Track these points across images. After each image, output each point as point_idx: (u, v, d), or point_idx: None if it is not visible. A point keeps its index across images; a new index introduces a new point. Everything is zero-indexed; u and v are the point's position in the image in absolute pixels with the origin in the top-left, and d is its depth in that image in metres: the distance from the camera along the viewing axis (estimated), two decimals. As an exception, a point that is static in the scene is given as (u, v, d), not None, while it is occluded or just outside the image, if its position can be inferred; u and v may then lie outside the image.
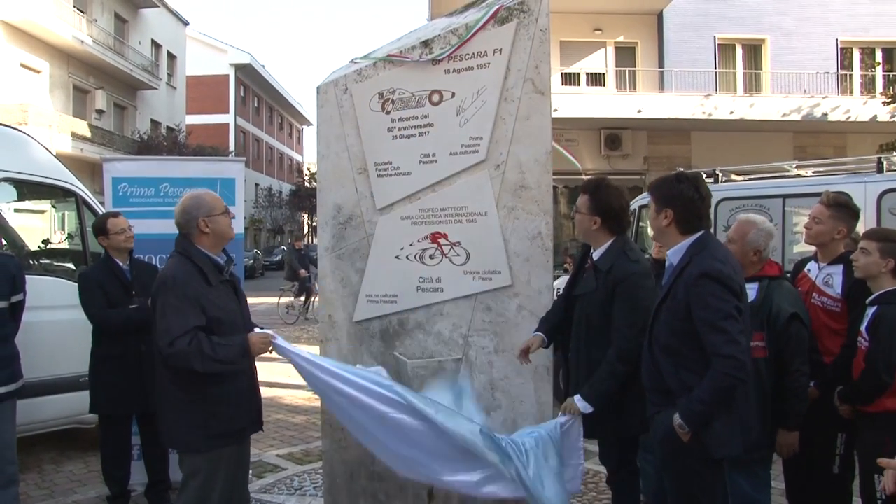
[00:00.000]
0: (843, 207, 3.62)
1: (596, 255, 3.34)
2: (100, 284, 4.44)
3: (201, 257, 3.25)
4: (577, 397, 3.20)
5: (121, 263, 4.57)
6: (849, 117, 17.02)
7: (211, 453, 3.20)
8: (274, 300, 17.11)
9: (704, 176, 6.92)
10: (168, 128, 32.85)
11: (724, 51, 18.96)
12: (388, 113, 4.02)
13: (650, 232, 3.44)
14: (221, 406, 3.19)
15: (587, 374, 3.26)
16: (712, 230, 3.21)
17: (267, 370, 7.07)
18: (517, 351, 3.49)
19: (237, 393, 3.26)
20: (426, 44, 3.92)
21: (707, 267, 2.62)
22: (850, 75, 18.82)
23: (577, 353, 3.36)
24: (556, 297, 3.66)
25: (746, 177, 7.94)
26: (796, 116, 17.04)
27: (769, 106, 17.12)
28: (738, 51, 19.00)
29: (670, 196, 2.80)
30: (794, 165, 7.62)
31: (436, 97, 3.89)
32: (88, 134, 24.37)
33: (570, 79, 18.63)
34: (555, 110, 5.64)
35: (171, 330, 3.03)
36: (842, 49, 18.74)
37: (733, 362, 2.53)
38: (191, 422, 3.16)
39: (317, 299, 9.35)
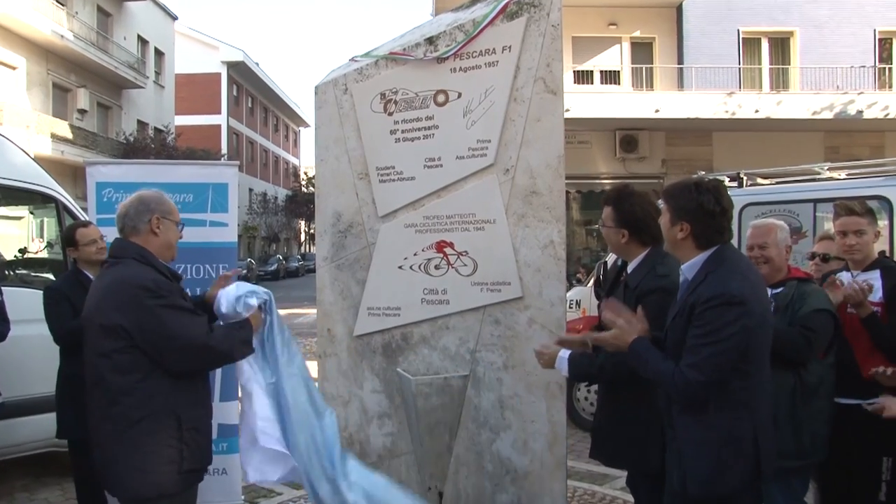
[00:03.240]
0: (870, 211, 3.77)
1: (630, 267, 3.31)
2: (67, 298, 4.27)
3: (161, 265, 3.03)
4: (566, 355, 3.13)
5: (91, 276, 4.52)
6: (887, 114, 16.70)
7: (185, 495, 2.94)
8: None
9: (727, 180, 6.97)
10: (156, 129, 32.92)
11: (749, 45, 18.87)
12: (390, 114, 4.04)
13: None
14: (197, 432, 2.95)
15: (608, 391, 3.25)
16: (737, 238, 3.23)
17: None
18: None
19: (208, 414, 3.09)
20: (431, 41, 3.94)
21: (722, 288, 2.55)
22: (890, 69, 18.55)
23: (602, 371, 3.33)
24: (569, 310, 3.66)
25: (773, 180, 7.89)
26: (828, 114, 16.77)
27: (798, 103, 16.91)
28: (764, 45, 18.90)
29: (688, 209, 2.71)
30: (826, 168, 7.58)
31: (441, 97, 3.91)
32: (70, 135, 24.39)
33: (584, 77, 18.66)
34: (567, 110, 5.66)
35: (189, 329, 2.85)
36: (880, 40, 18.51)
37: (685, 386, 2.53)
38: (160, 458, 2.83)
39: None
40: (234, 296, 3.20)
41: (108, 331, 2.84)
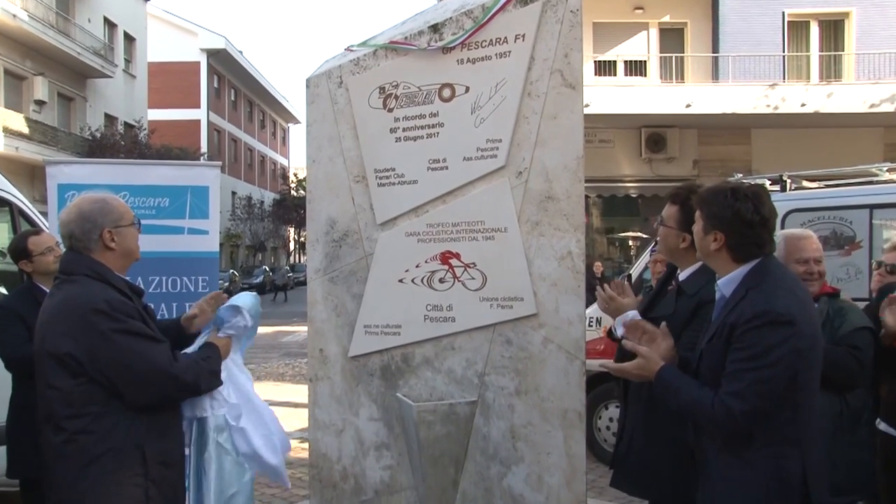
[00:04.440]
0: None
1: (683, 275, 3.33)
2: (20, 318, 4.10)
3: (118, 280, 2.97)
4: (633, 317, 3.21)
5: (48, 290, 4.46)
6: (959, 107, 16.33)
7: None
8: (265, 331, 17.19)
9: (768, 183, 6.96)
10: (126, 124, 33.01)
11: (796, 29, 18.78)
12: (390, 110, 4.08)
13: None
14: (166, 467, 2.93)
15: (647, 412, 3.25)
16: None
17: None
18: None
19: (179, 446, 3.09)
20: (435, 28, 3.98)
21: (766, 306, 2.51)
22: (962, 54, 18.19)
23: (641, 387, 3.32)
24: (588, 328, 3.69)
25: (822, 183, 7.85)
26: (888, 107, 16.45)
27: (852, 95, 16.69)
28: (814, 28, 18.78)
29: (722, 217, 2.69)
30: (886, 168, 7.52)
31: (447, 92, 3.94)
32: (26, 129, 24.35)
33: (606, 68, 18.71)
34: (586, 106, 5.68)
35: (148, 357, 2.83)
36: (956, 21, 18.18)
37: (726, 417, 2.49)
38: (123, 499, 2.81)
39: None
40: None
41: (57, 359, 2.78)
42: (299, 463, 7.17)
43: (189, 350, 3.25)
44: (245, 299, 3.48)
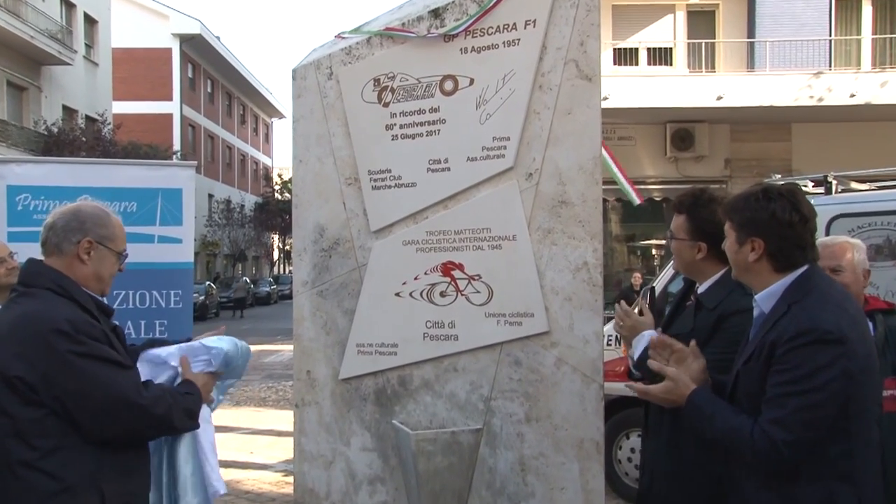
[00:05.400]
0: None
1: (701, 288, 3.35)
2: None
3: (84, 297, 2.93)
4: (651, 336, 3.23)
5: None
6: None
7: None
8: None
9: (811, 185, 6.96)
10: (88, 118, 32.94)
11: (844, 9, 18.62)
12: (386, 105, 4.10)
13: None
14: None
15: (670, 438, 3.26)
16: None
17: (222, 444, 7.10)
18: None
19: (145, 486, 3.08)
20: (436, 13, 4.01)
21: (812, 323, 2.49)
22: None
23: (663, 413, 3.32)
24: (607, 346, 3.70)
25: (873, 184, 7.82)
26: None
27: (909, 84, 16.48)
28: (866, 8, 18.58)
29: (758, 221, 2.68)
30: None
31: (449, 84, 3.97)
32: (-32, 123, 24.29)
33: (627, 57, 18.72)
34: (605, 99, 5.69)
35: (112, 385, 2.80)
36: None
37: (767, 448, 2.46)
38: None
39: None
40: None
41: (8, 383, 2.72)
42: (283, 499, 7.19)
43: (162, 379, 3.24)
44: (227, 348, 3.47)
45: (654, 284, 7.77)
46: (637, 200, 5.62)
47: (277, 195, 55.64)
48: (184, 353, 3.26)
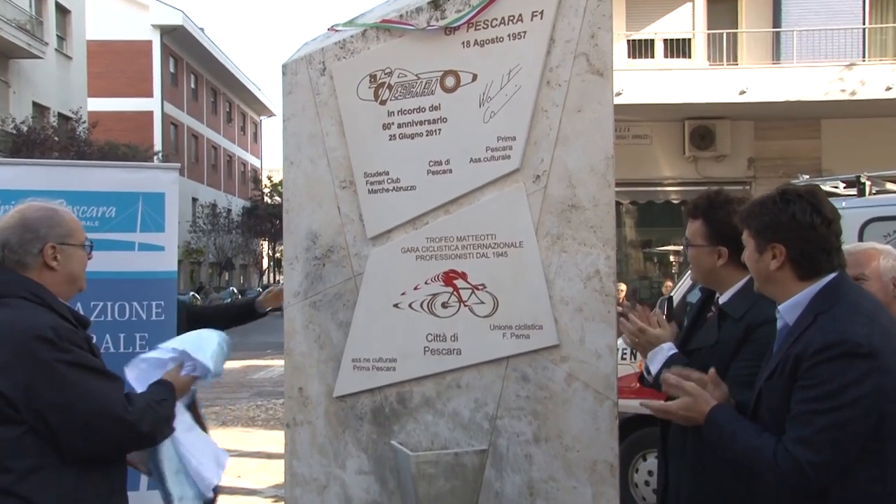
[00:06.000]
0: None
1: (723, 298, 3.36)
2: None
3: (61, 307, 2.98)
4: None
5: None
6: None
7: None
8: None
9: (843, 186, 6.96)
10: (61, 115, 32.87)
11: (879, -4, 18.63)
12: (383, 103, 4.12)
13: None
14: None
15: (695, 460, 3.26)
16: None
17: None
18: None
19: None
20: (436, 4, 4.01)
21: (840, 335, 2.48)
22: None
23: (684, 432, 3.32)
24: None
25: None
26: None
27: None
28: (903, -5, 18.57)
29: (778, 224, 2.69)
30: None
31: (450, 81, 3.98)
32: (-71, 121, 24.29)
33: (641, 49, 18.73)
34: (618, 95, 5.70)
35: (99, 397, 2.82)
36: None
37: (792, 470, 2.45)
38: None
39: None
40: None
41: None
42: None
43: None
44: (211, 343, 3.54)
45: (672, 294, 7.78)
46: None
47: (267, 199, 55.66)
48: (177, 364, 3.38)
